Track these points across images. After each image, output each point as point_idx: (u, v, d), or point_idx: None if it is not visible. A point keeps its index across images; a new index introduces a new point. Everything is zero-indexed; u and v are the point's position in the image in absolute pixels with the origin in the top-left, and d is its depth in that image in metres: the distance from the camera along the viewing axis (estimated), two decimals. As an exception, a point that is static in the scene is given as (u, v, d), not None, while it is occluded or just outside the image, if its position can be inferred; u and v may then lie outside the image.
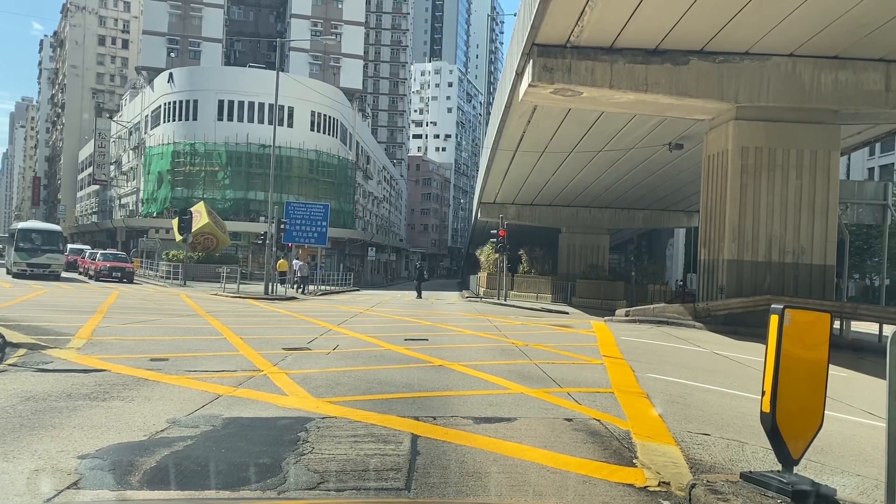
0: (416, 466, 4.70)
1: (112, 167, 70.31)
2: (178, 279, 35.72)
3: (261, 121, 50.68)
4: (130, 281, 34.67)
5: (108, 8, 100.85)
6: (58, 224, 55.03)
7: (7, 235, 40.73)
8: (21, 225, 34.75)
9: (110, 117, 74.56)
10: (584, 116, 23.54)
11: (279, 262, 33.14)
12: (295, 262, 37.90)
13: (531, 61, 18.11)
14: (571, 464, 4.98)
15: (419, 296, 34.35)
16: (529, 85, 18.33)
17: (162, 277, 39.23)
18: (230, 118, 51.09)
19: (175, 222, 37.39)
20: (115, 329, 12.61)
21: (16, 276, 30.70)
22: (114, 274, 34.34)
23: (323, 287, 37.37)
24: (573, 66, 17.90)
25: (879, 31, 15.99)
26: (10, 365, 8.01)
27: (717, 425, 6.61)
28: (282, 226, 29.25)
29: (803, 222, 18.73)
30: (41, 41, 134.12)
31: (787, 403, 4.07)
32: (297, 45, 62.83)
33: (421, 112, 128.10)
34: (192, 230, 36.33)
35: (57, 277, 32.03)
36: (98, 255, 36.59)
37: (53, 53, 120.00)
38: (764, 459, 5.20)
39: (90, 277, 35.96)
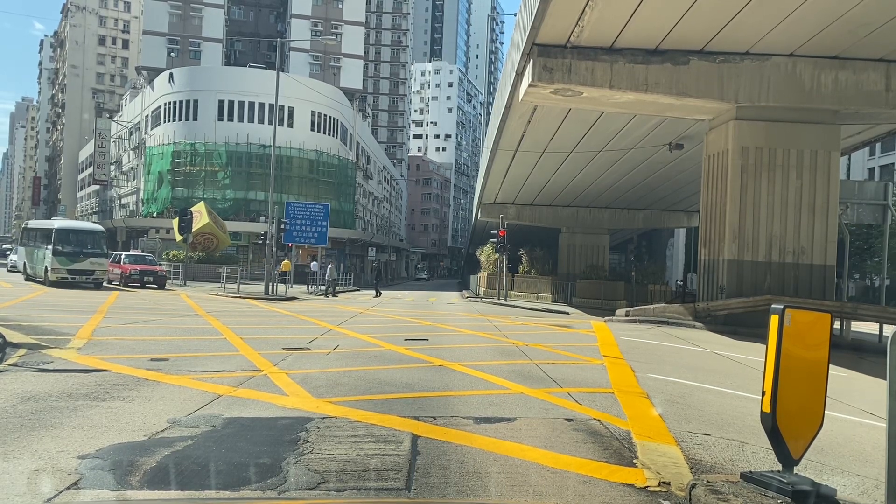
0: (416, 466, 4.70)
1: (112, 167, 70.31)
2: (178, 279, 35.72)
3: (261, 121, 50.70)
4: (162, 286, 29.84)
5: (109, 8, 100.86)
6: None
7: (22, 235, 32.44)
8: (59, 224, 28.39)
9: (110, 117, 74.55)
10: (584, 116, 23.53)
11: (283, 262, 33.20)
12: (313, 263, 37.79)
13: (531, 61, 18.10)
14: (571, 464, 4.98)
15: (377, 294, 34.07)
16: (530, 85, 18.33)
17: (162, 277, 39.15)
18: (230, 118, 51.10)
19: (175, 222, 37.39)
20: (116, 329, 12.61)
21: (53, 284, 25.37)
22: (145, 279, 29.71)
23: (323, 287, 37.36)
24: (573, 66, 17.90)
25: (879, 31, 15.99)
26: (10, 365, 8.01)
27: (718, 425, 6.61)
28: (282, 226, 29.28)
29: (803, 222, 18.73)
30: (41, 41, 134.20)
31: (787, 403, 4.07)
32: (298, 45, 62.83)
33: (421, 112, 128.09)
34: (193, 230, 36.34)
35: (99, 286, 26.88)
36: (123, 258, 31.45)
37: (53, 53, 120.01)
38: (764, 459, 5.20)
39: (114, 282, 30.54)
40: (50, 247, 25.93)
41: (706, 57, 18.12)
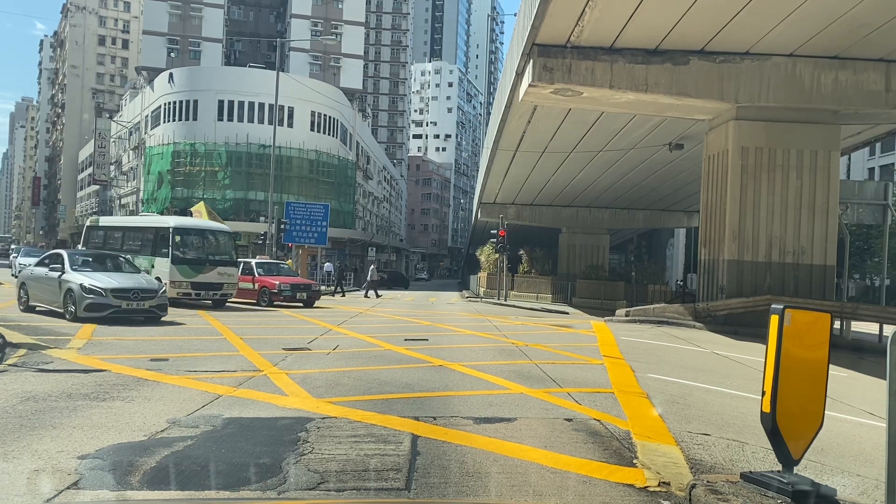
0: (416, 466, 4.70)
1: (112, 167, 70.31)
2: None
3: (261, 121, 50.67)
4: (311, 305, 23.08)
5: (108, 8, 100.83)
6: (58, 226, 48.07)
7: (88, 236, 23.33)
8: (176, 222, 20.57)
9: (110, 117, 74.56)
10: (584, 116, 23.53)
11: (287, 262, 33.19)
12: (327, 264, 37.48)
13: (531, 61, 18.10)
14: (571, 464, 4.98)
15: (342, 294, 32.91)
16: (529, 85, 18.32)
17: (162, 277, 38.96)
18: (230, 118, 51.07)
19: (175, 222, 37.31)
20: (115, 329, 12.60)
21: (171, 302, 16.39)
22: (298, 296, 22.72)
23: (323, 287, 37.36)
24: (573, 66, 17.90)
25: (879, 31, 15.98)
26: (10, 365, 8.00)
27: (718, 425, 6.61)
28: (282, 226, 29.31)
29: (803, 222, 18.73)
30: (41, 41, 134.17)
31: (787, 403, 4.07)
32: (297, 45, 62.82)
33: (421, 112, 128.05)
34: (193, 230, 36.23)
35: (222, 305, 20.34)
36: (255, 267, 23.50)
37: (53, 53, 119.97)
38: (764, 459, 5.20)
39: (262, 303, 22.43)
40: (164, 252, 19.30)
41: (706, 57, 18.12)
